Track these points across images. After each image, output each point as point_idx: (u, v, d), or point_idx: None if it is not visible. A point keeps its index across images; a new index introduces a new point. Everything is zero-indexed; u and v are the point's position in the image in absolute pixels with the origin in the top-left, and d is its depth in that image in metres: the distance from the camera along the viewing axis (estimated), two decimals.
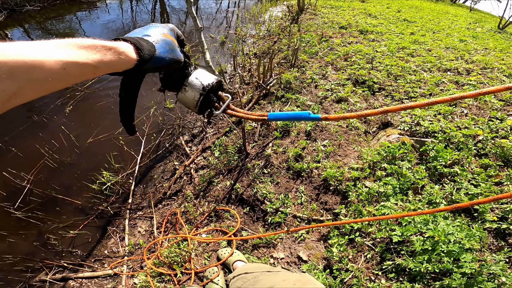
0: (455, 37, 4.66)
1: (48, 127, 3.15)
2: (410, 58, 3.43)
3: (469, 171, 1.76)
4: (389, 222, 1.57)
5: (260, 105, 2.90)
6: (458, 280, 1.27)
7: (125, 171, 2.67)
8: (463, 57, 3.48)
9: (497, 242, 1.45)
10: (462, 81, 2.78)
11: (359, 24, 5.05)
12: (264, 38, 5.40)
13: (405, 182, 1.73)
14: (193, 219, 2.10)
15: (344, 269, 1.51)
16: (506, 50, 3.94)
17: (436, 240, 1.38)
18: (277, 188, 2.03)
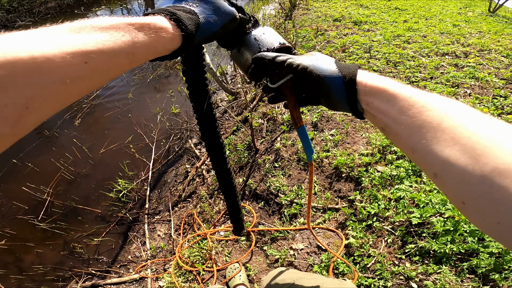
0: (448, 22, 4.64)
1: (60, 141, 3.21)
2: (407, 45, 3.42)
3: None
4: (406, 204, 1.56)
5: (264, 102, 2.90)
6: (486, 260, 1.25)
7: (139, 178, 2.71)
8: (459, 41, 3.47)
9: None
10: (461, 63, 2.77)
11: (352, 15, 5.04)
12: None
13: None
14: (209, 218, 2.11)
15: (366, 254, 1.50)
16: (500, 32, 3.92)
17: (457, 220, 1.37)
18: (290, 181, 2.03)
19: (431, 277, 1.31)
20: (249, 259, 1.78)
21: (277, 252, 1.71)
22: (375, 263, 1.45)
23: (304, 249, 1.70)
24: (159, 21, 0.36)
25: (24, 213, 2.40)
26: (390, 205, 1.61)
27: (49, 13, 7.27)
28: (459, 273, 1.29)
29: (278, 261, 1.67)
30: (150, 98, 3.75)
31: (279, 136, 2.34)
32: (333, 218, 1.76)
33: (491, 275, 1.23)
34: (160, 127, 3.32)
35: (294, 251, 1.70)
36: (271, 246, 1.77)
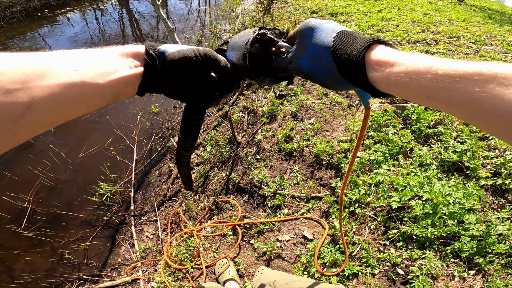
0: (419, 11, 4.71)
1: (36, 148, 3.06)
2: (381, 34, 3.44)
3: (453, 129, 1.78)
4: (385, 189, 1.56)
5: (244, 95, 2.84)
6: (468, 243, 1.25)
7: (122, 180, 2.63)
8: (429, 29, 3.52)
9: (497, 200, 1.43)
10: (431, 50, 2.81)
11: (329, 7, 5.03)
12: (239, 31, 5.31)
13: (394, 147, 1.73)
14: (195, 215, 2.07)
15: (351, 242, 1.48)
16: (468, 20, 4.02)
17: (435, 203, 1.37)
18: (272, 172, 2.00)
19: (416, 262, 1.30)
20: (237, 253, 1.74)
21: (264, 245, 1.68)
22: (360, 250, 1.44)
23: (290, 240, 1.68)
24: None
25: (7, 222, 2.30)
26: (371, 190, 1.60)
27: (15, 17, 6.81)
28: (444, 257, 1.28)
29: (266, 254, 1.64)
30: (128, 99, 3.59)
31: (260, 128, 2.30)
32: (316, 207, 1.74)
33: (475, 259, 1.23)
34: (140, 127, 3.20)
35: (281, 243, 1.67)
36: (258, 239, 1.74)
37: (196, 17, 6.91)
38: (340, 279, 1.38)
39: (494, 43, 2.93)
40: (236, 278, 1.57)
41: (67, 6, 7.60)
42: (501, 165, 1.50)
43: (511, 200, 1.40)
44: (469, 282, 1.21)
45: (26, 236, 2.18)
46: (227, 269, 1.60)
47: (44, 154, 2.89)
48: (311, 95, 2.43)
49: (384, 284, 1.31)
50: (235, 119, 2.52)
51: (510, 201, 1.40)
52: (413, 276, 1.26)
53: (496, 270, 1.19)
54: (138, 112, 3.37)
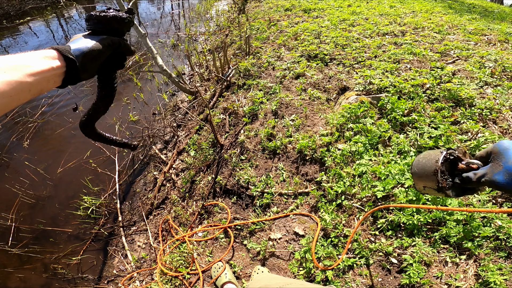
0: (385, 4, 4.84)
1: (11, 166, 2.87)
2: (352, 28, 3.50)
3: (426, 116, 1.83)
4: (369, 179, 1.57)
5: (224, 97, 2.78)
6: (455, 228, 1.26)
7: (106, 192, 2.53)
8: (396, 21, 3.62)
9: None
10: (399, 41, 2.88)
11: (301, 4, 5.05)
12: (215, 33, 5.20)
13: (373, 137, 1.75)
14: (185, 221, 2.01)
15: (342, 235, 1.47)
16: (431, 11, 4.18)
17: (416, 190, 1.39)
18: (258, 171, 1.97)
19: (408, 250, 1.31)
20: (232, 255, 1.70)
21: (257, 244, 1.65)
22: (352, 242, 1.43)
23: (282, 237, 1.66)
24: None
25: None
26: (355, 181, 1.61)
27: None
28: (433, 244, 1.29)
29: (260, 254, 1.61)
30: None
31: (242, 128, 2.26)
32: (305, 202, 1.73)
33: (464, 244, 1.24)
34: (120, 137, 3.05)
35: (273, 241, 1.65)
36: (250, 240, 1.71)
37: (169, 20, 6.71)
38: (336, 272, 1.37)
39: (457, 32, 3.06)
40: (234, 281, 1.55)
41: (27, 16, 7.08)
42: (475, 147, 1.55)
43: None
44: (463, 267, 1.22)
45: (15, 254, 2.12)
46: (224, 272, 1.57)
47: (21, 171, 2.73)
48: (290, 92, 2.42)
49: (380, 274, 1.31)
50: (216, 122, 2.46)
51: None
52: (407, 264, 1.26)
53: (487, 254, 1.20)
54: (116, 121, 3.21)
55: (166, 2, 8.11)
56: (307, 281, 1.43)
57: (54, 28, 6.60)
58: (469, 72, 2.19)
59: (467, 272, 1.21)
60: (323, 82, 2.46)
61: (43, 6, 7.71)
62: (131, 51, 0.56)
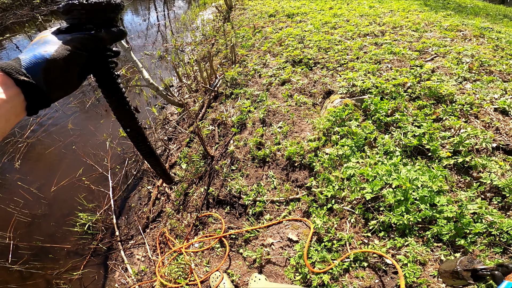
0: (365, 4, 4.90)
1: (4, 187, 2.82)
2: (334, 31, 3.52)
3: (409, 114, 1.84)
4: (357, 181, 1.57)
5: (213, 108, 2.75)
6: (446, 226, 1.24)
7: (101, 208, 2.52)
8: (376, 21, 3.65)
9: (462, 178, 1.43)
10: (379, 41, 2.91)
11: (285, 9, 5.07)
12: (201, 43, 5.18)
13: (359, 139, 1.75)
14: (181, 233, 2.01)
15: (336, 238, 1.45)
16: (407, 9, 4.23)
17: (404, 189, 1.37)
18: (249, 180, 1.94)
19: (402, 250, 1.29)
20: (229, 264, 1.68)
21: (253, 252, 1.63)
22: (345, 245, 1.41)
23: (276, 244, 1.64)
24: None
25: None
26: (344, 184, 1.60)
27: None
28: (426, 242, 1.27)
29: (256, 261, 1.59)
30: (94, 125, 3.36)
31: (231, 139, 2.24)
32: (297, 208, 1.72)
33: (457, 241, 1.22)
34: (111, 153, 3.01)
35: (268, 248, 1.63)
36: (246, 248, 1.69)
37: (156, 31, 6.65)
38: (332, 276, 1.36)
39: (433, 29, 3.10)
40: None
41: (8, 31, 6.94)
42: (458, 143, 1.55)
43: (476, 177, 1.43)
44: None
45: (16, 270, 2.12)
46: (222, 281, 1.55)
47: (14, 191, 2.70)
48: (276, 99, 2.41)
49: (376, 275, 1.30)
50: (206, 133, 2.44)
51: (475, 178, 1.42)
52: (402, 265, 1.25)
53: (482, 250, 1.19)
54: (107, 138, 3.16)
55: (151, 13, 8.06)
56: (303, 286, 1.41)
57: None
58: (447, 69, 2.21)
59: None
60: (308, 87, 2.45)
61: (24, 21, 7.55)
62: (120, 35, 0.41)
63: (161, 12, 8.28)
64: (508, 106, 1.74)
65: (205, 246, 1.81)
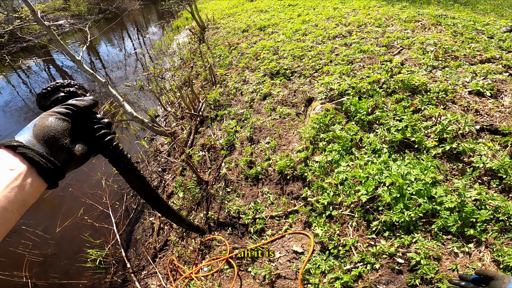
0: (329, 7, 4.99)
1: (11, 231, 2.70)
2: (305, 37, 3.55)
3: (388, 110, 1.83)
4: (350, 185, 1.54)
5: (200, 133, 2.71)
6: (450, 217, 1.18)
7: (108, 243, 2.52)
8: (341, 22, 3.71)
9: (454, 165, 1.39)
10: (348, 42, 2.94)
11: (256, 22, 5.11)
12: (180, 67, 5.17)
13: (345, 142, 1.74)
14: (188, 259, 1.97)
15: (340, 245, 1.40)
16: (367, 6, 4.33)
17: (399, 186, 1.33)
18: (245, 200, 1.90)
19: (411, 248, 1.23)
20: (240, 285, 1.62)
21: (261, 269, 1.57)
22: (352, 250, 1.36)
23: (283, 257, 1.59)
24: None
25: None
26: (338, 190, 1.57)
27: None
28: (435, 236, 1.21)
29: (266, 278, 1.53)
30: (86, 166, 3.27)
31: (222, 161, 2.20)
32: (297, 220, 1.68)
33: (466, 232, 1.16)
34: (109, 191, 2.96)
35: (276, 263, 1.58)
36: (254, 266, 1.63)
37: (134, 60, 6.59)
38: (344, 285, 1.30)
39: (394, 23, 3.16)
40: None
41: None
42: (442, 131, 1.53)
43: (468, 162, 1.39)
44: (476, 256, 1.13)
45: None
46: None
47: (21, 235, 2.70)
48: (260, 114, 2.40)
49: (392, 275, 1.24)
50: (197, 160, 2.39)
51: (467, 163, 1.39)
52: (416, 263, 1.19)
53: (496, 238, 1.13)
54: (101, 176, 3.08)
55: (126, 42, 8.01)
56: None
57: (15, 83, 6.24)
58: (415, 60, 2.24)
59: (483, 260, 1.12)
60: (289, 97, 2.45)
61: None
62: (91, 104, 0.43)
63: (136, 40, 8.25)
64: (482, 87, 1.75)
65: (214, 269, 1.77)
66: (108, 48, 7.85)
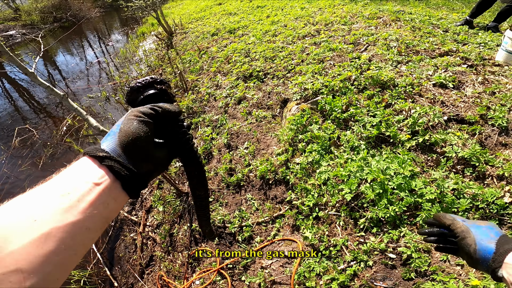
0: (296, 7, 5.08)
1: None
2: (275, 38, 3.56)
3: (362, 106, 1.87)
4: (333, 184, 1.54)
5: None
6: (432, 208, 1.21)
7: (90, 263, 2.35)
8: (310, 22, 3.78)
9: (429, 156, 1.43)
10: (318, 41, 2.98)
11: (225, 25, 5.03)
12: (148, 75, 4.93)
13: (323, 142, 1.74)
14: (178, 273, 1.85)
15: (331, 245, 1.39)
16: (332, 5, 4.47)
17: (380, 181, 1.34)
18: (229, 208, 1.83)
19: (400, 242, 1.24)
20: None
21: (255, 277, 1.52)
22: (343, 250, 1.35)
23: (275, 263, 1.55)
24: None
25: None
26: (322, 190, 1.56)
27: None
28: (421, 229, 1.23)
29: (261, 285, 1.48)
30: None
31: None
32: (284, 224, 1.64)
33: None
34: None
35: (269, 269, 1.53)
36: (247, 275, 1.57)
37: (98, 70, 6.17)
38: (341, 285, 1.27)
39: (358, 21, 3.29)
40: None
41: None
42: (413, 124, 1.58)
43: (441, 152, 1.44)
44: None
45: None
46: None
47: None
48: (236, 119, 2.33)
49: (386, 271, 1.24)
50: (174, 171, 2.27)
51: (440, 153, 1.44)
52: (407, 256, 1.20)
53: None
54: None
55: (87, 51, 7.51)
56: None
57: None
58: (381, 56, 2.33)
59: None
60: (264, 100, 2.42)
61: None
62: (179, 111, 0.41)
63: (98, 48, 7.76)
64: (444, 79, 1.86)
65: (206, 282, 1.68)
66: (67, 58, 7.27)
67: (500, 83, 1.78)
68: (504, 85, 1.76)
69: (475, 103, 1.65)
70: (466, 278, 1.09)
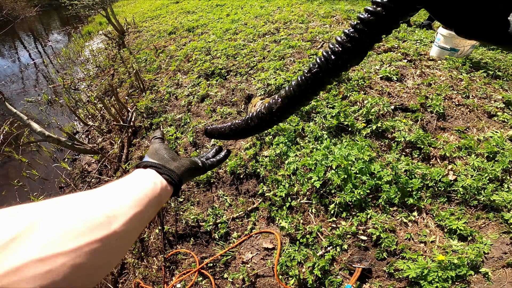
0: (256, 6, 5.19)
1: None
2: (236, 36, 3.61)
3: (321, 99, 2.03)
4: (302, 173, 1.63)
5: (135, 145, 2.45)
6: (391, 190, 1.32)
7: None
8: (269, 20, 3.92)
9: (382, 142, 1.59)
10: (278, 38, 3.12)
11: (184, 24, 4.90)
12: (98, 76, 4.55)
13: (289, 134, 1.84)
14: (155, 278, 1.77)
15: (307, 233, 1.46)
16: (290, 4, 4.71)
17: (344, 167, 1.46)
18: (201, 206, 1.81)
19: (369, 224, 1.35)
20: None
21: (238, 273, 1.52)
22: (319, 236, 1.44)
23: (256, 257, 1.58)
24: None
25: None
26: (292, 180, 1.64)
27: None
28: (383, 209, 1.34)
29: (245, 281, 1.49)
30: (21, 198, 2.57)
31: None
32: (259, 217, 1.68)
33: (407, 201, 1.32)
34: None
35: (250, 263, 1.56)
36: (229, 271, 1.57)
37: (34, 72, 5.48)
38: (322, 270, 1.35)
39: (314, 19, 3.53)
40: None
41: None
42: (367, 113, 1.77)
43: (391, 138, 1.63)
44: (422, 223, 1.28)
45: None
46: None
47: None
48: (201, 117, 2.31)
49: (360, 253, 1.34)
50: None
51: (391, 139, 1.62)
52: (376, 237, 1.31)
53: (431, 204, 1.29)
54: None
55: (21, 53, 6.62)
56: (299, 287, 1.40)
57: None
58: None
59: (429, 226, 1.28)
60: (228, 96, 2.44)
61: None
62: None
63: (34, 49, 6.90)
64: (389, 73, 2.12)
65: (188, 284, 1.62)
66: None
67: (435, 75, 2.11)
68: (439, 77, 2.08)
69: (415, 93, 1.93)
70: (432, 254, 1.23)
